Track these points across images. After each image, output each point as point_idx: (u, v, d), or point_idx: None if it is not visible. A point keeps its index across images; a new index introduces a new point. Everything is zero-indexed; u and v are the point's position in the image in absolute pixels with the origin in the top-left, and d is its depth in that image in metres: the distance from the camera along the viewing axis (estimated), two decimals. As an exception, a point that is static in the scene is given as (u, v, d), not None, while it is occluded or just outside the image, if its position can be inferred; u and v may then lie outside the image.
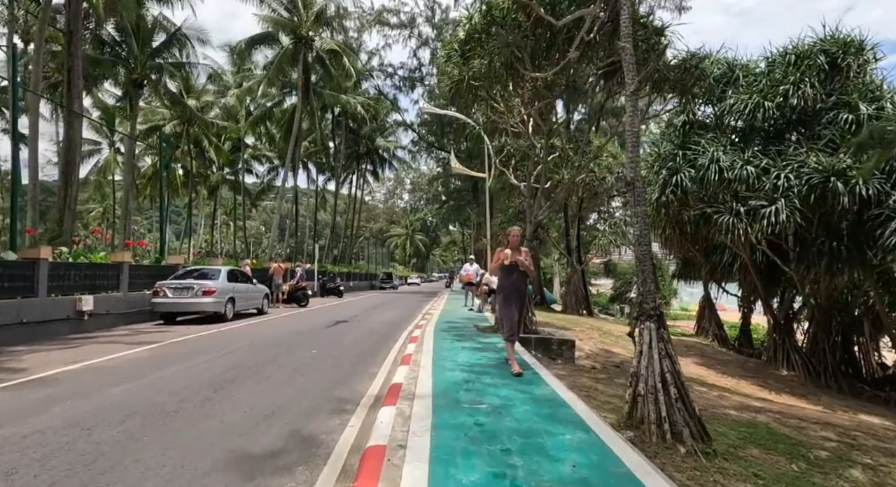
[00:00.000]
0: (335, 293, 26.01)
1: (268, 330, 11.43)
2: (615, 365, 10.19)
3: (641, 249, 5.18)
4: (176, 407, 4.88)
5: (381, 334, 10.86)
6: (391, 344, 9.28)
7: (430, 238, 77.03)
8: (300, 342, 9.46)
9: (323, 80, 31.02)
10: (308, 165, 44.60)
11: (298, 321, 13.61)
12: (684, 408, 4.66)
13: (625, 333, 15.57)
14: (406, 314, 16.24)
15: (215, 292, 12.56)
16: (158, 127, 31.34)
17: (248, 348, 8.58)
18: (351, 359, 7.73)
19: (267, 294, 15.90)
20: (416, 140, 36.92)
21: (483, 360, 7.22)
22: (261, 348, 8.61)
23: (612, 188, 22.79)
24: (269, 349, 8.52)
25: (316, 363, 7.30)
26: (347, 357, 7.96)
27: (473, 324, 11.89)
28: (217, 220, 54.31)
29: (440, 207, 42.79)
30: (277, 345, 8.96)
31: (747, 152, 11.52)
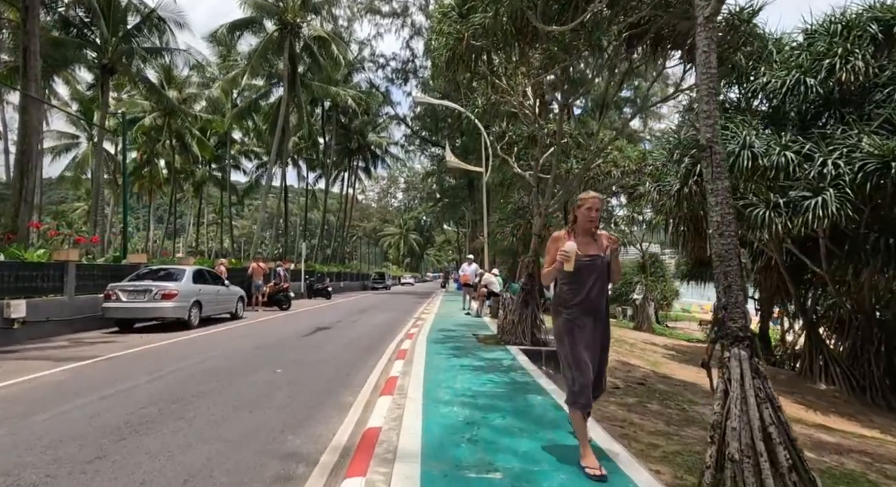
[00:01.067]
0: (323, 294, 24.34)
1: (234, 340, 9.76)
2: (638, 381, 8.62)
3: (724, 243, 3.58)
4: (32, 481, 3.24)
5: (364, 346, 9.22)
6: (374, 361, 7.64)
7: (424, 237, 75.39)
8: (265, 357, 7.81)
9: (311, 71, 29.33)
10: (298, 162, 42.89)
11: (274, 328, 11.95)
12: (800, 482, 3.08)
13: (652, 343, 13.99)
14: (396, 318, 14.61)
15: (177, 295, 10.88)
16: (137, 119, 29.50)
17: (196, 367, 6.92)
18: (320, 384, 6.09)
19: (242, 296, 14.22)
20: (410, 135, 35.28)
21: (489, 386, 5.61)
22: (212, 367, 6.95)
23: (617, 183, 21.26)
24: (221, 369, 6.87)
25: (274, 391, 5.66)
26: (317, 379, 6.32)
27: (472, 333, 10.28)
28: (205, 219, 52.44)
29: (434, 205, 41.18)
30: (235, 363, 7.31)
31: (785, 136, 9.99)
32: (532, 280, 9.08)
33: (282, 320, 13.88)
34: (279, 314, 15.63)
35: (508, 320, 9.21)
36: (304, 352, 8.29)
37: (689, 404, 7.25)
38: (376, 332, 11.23)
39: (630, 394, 7.36)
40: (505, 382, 5.84)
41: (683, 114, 12.48)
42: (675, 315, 34.58)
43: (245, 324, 12.54)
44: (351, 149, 39.62)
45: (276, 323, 13.15)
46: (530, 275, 9.04)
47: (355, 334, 10.88)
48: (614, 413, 5.77)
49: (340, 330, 11.50)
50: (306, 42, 26.81)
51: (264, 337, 10.07)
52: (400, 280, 57.97)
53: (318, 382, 6.15)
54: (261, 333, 10.86)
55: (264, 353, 8.14)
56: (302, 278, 25.05)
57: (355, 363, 7.41)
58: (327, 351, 8.43)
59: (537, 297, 9.21)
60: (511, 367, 6.75)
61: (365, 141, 39.06)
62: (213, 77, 34.00)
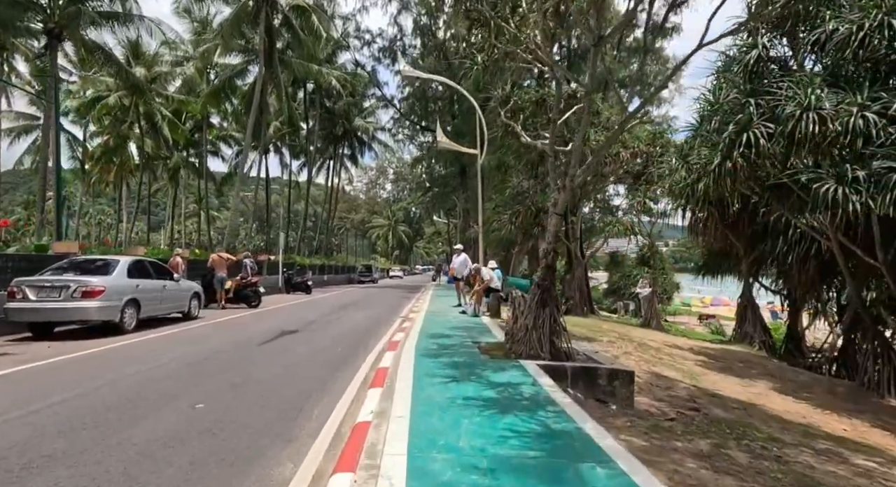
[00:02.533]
0: (302, 289, 22.09)
1: (168, 350, 7.52)
2: (688, 405, 6.58)
3: None
4: None
5: (334, 359, 7.05)
6: (341, 386, 5.49)
7: (413, 229, 73.06)
8: (194, 378, 5.62)
9: (291, 47, 26.80)
10: (282, 149, 40.21)
11: (230, 331, 9.72)
12: None
13: (675, 346, 11.98)
14: (380, 318, 12.45)
15: (103, 292, 8.60)
16: (101, 97, 26.75)
17: (73, 403, 4.71)
18: (252, 433, 3.93)
19: (198, 293, 11.94)
20: (398, 118, 32.85)
21: (513, 444, 3.47)
22: (99, 402, 4.74)
23: (626, 165, 19.23)
24: (113, 405, 4.66)
25: (170, 454, 3.49)
26: (249, 423, 4.16)
27: (472, 340, 8.15)
28: (182, 209, 49.64)
29: (423, 195, 38.89)
30: (144, 391, 5.11)
31: (859, 94, 7.96)
32: (551, 273, 6.96)
33: (245, 320, 11.63)
34: (245, 312, 13.37)
35: (520, 325, 7.09)
36: (252, 369, 6.09)
37: (775, 443, 5.23)
38: (353, 337, 9.06)
39: (693, 431, 5.29)
40: (536, 433, 3.71)
41: (720, 74, 10.39)
42: (674, 309, 32.84)
43: (197, 327, 10.29)
44: (336, 134, 37.11)
45: (236, 324, 10.91)
46: (549, 268, 6.93)
47: (327, 340, 8.69)
48: (699, 477, 3.68)
49: (310, 334, 9.31)
50: (284, 14, 24.27)
51: (212, 346, 7.85)
52: (388, 273, 55.72)
53: (250, 429, 3.97)
54: (211, 339, 8.64)
55: (197, 371, 5.93)
56: (280, 271, 22.74)
57: (313, 391, 5.23)
58: (282, 368, 6.24)
59: (556, 296, 7.11)
60: (536, 400, 4.64)
61: (351, 125, 36.54)
62: (187, 55, 31.26)
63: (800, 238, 12.45)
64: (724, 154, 9.19)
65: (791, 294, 14.20)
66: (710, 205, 13.45)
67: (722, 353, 11.71)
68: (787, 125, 8.33)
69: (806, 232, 12.33)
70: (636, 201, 17.43)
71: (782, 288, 14.94)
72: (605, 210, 30.78)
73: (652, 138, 18.59)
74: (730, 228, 14.23)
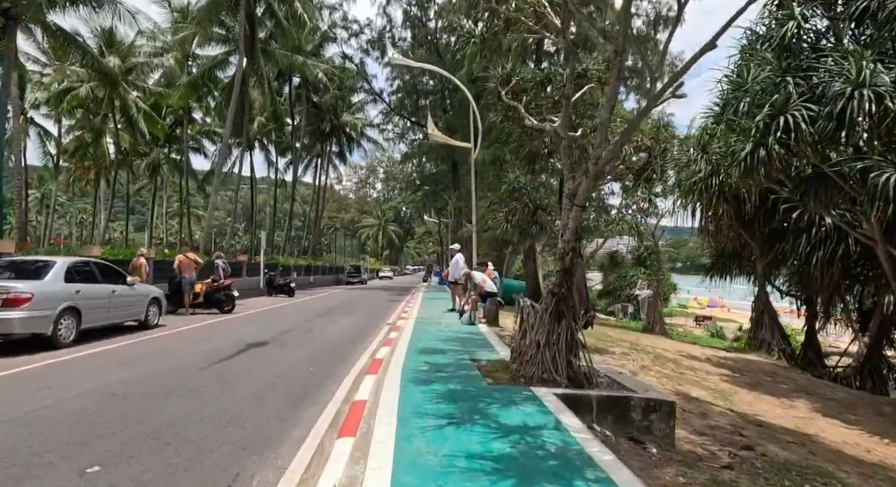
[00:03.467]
0: (285, 291, 20.60)
1: (95, 374, 6.08)
2: (739, 442, 5.32)
3: None
4: None
5: (298, 388, 5.67)
6: (300, 434, 4.11)
7: (404, 229, 71.57)
8: (101, 427, 4.22)
9: (274, 38, 25.30)
10: (268, 146, 38.53)
11: (186, 345, 8.28)
12: None
13: (691, 355, 10.74)
14: (365, 327, 11.07)
15: (30, 300, 7.15)
16: (71, 88, 25.00)
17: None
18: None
19: (158, 298, 10.46)
20: (388, 111, 31.36)
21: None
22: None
23: (626, 161, 18.01)
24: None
25: None
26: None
27: (469, 356, 6.81)
28: (164, 208, 47.79)
29: (414, 193, 37.46)
30: (23, 443, 3.70)
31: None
32: (568, 279, 5.65)
33: (211, 329, 10.19)
34: (214, 319, 11.91)
35: (529, 341, 5.77)
36: (191, 405, 4.70)
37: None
38: (330, 352, 7.68)
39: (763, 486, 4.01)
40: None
41: (745, 51, 9.15)
42: (670, 310, 31.79)
43: (152, 338, 8.83)
44: (323, 130, 35.55)
45: (199, 334, 9.47)
46: (566, 272, 5.61)
47: (299, 356, 7.30)
48: None
49: (281, 348, 7.90)
50: (267, 1, 22.75)
51: (156, 366, 6.43)
52: (378, 273, 54.22)
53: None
54: (160, 356, 7.20)
55: (116, 409, 4.53)
56: (261, 272, 21.24)
57: (261, 446, 3.84)
58: (231, 402, 4.84)
59: (576, 305, 5.80)
60: (566, 458, 3.31)
61: (339, 121, 35.01)
62: (165, 47, 29.57)
63: (824, 237, 11.33)
64: (757, 140, 7.96)
65: (811, 298, 13.07)
66: (726, 201, 12.33)
67: (743, 364, 10.50)
68: (836, 105, 7.12)
69: (831, 230, 11.24)
70: (639, 199, 16.21)
71: (799, 292, 13.81)
72: (600, 209, 29.61)
73: (656, 131, 17.40)
74: (744, 227, 13.09)
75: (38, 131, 29.88)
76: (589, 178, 5.30)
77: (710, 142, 9.93)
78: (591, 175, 5.28)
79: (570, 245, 5.52)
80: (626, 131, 5.78)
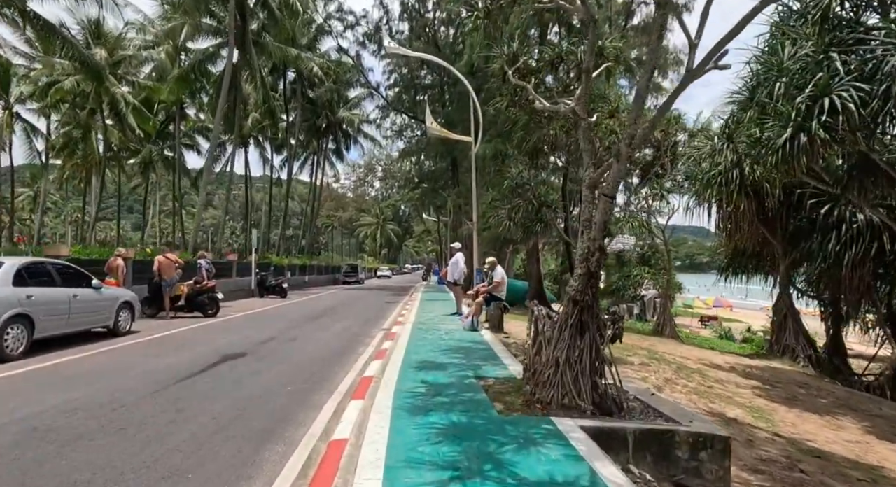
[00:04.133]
0: (277, 292, 19.62)
1: (29, 399, 5.09)
2: (802, 480, 4.36)
3: None
4: None
5: (263, 424, 4.69)
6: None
7: (402, 227, 70.55)
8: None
9: (267, 30, 24.25)
10: (263, 144, 37.44)
11: (152, 357, 7.30)
12: None
13: (713, 364, 9.75)
14: (356, 333, 10.10)
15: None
16: (56, 81, 23.93)
17: None
18: None
19: (129, 303, 9.47)
20: (384, 106, 30.29)
21: None
22: None
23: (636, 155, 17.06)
24: None
25: None
26: None
27: (473, 372, 5.83)
28: (158, 206, 46.77)
29: (413, 190, 36.43)
30: None
31: None
32: (594, 284, 4.68)
33: (187, 336, 9.20)
34: (194, 324, 10.92)
35: (546, 359, 4.80)
36: (122, 448, 3.71)
37: None
38: (314, 367, 6.70)
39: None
40: None
41: (778, 27, 8.17)
42: (675, 310, 30.86)
43: (114, 349, 7.84)
44: (319, 127, 34.49)
45: (172, 343, 8.49)
46: (590, 276, 4.65)
47: (277, 371, 6.32)
48: None
49: (258, 362, 6.92)
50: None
51: (109, 386, 5.45)
52: (376, 272, 53.24)
53: None
54: (113, 372, 6.21)
55: (19, 453, 3.54)
56: (252, 272, 20.23)
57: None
58: (175, 443, 3.85)
59: (600, 315, 4.84)
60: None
61: (335, 117, 33.96)
62: (156, 40, 28.52)
63: (856, 234, 10.38)
64: (798, 125, 6.99)
65: (836, 300, 12.13)
66: (746, 196, 11.36)
67: (770, 374, 9.54)
68: (894, 82, 6.16)
69: (863, 227, 10.30)
70: (648, 196, 15.25)
71: (822, 293, 12.85)
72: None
73: (666, 124, 16.44)
74: (765, 223, 12.13)
75: (24, 127, 28.72)
76: (621, 161, 4.32)
77: (736, 130, 8.95)
78: (622, 156, 4.31)
79: (595, 243, 4.54)
80: (661, 107, 4.80)
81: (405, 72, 27.72)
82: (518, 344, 8.51)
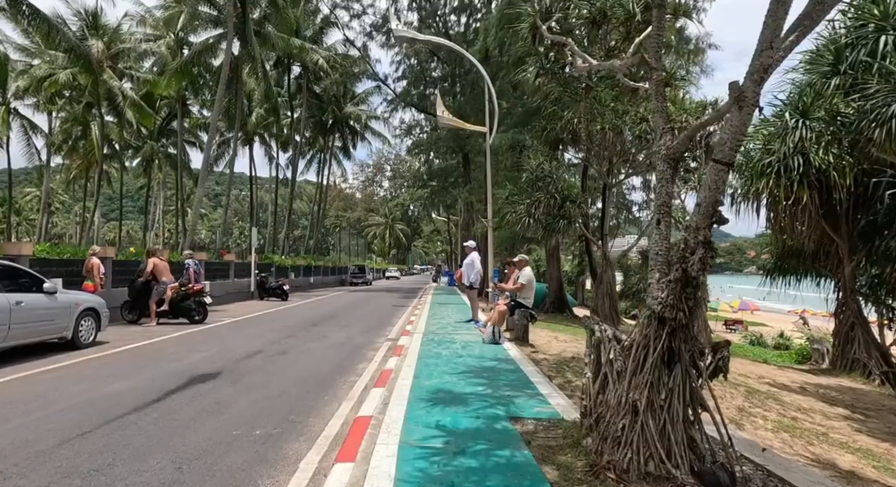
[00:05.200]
0: (278, 294, 18.29)
1: None
2: None
3: None
4: None
5: (221, 478, 3.22)
6: None
7: (411, 228, 69.17)
8: None
9: (269, 19, 22.95)
10: (269, 142, 36.22)
11: (99, 382, 5.90)
12: None
13: (781, 385, 8.21)
14: (357, 343, 8.64)
15: None
16: (51, 74, 22.83)
17: None
18: None
19: (93, 309, 8.10)
20: (392, 99, 28.84)
21: None
22: None
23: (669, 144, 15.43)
24: None
25: None
26: None
27: (504, 407, 4.34)
28: (162, 206, 45.82)
29: (422, 187, 34.95)
30: None
31: None
32: (692, 293, 3.18)
33: (156, 350, 7.80)
34: (177, 332, 9.55)
35: (618, 401, 3.31)
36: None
37: None
38: (295, 400, 5.24)
39: None
40: None
41: None
42: (698, 314, 29.07)
43: (61, 368, 6.46)
44: (325, 123, 33.19)
45: (131, 361, 7.09)
46: (685, 283, 3.14)
47: (241, 408, 4.84)
48: None
49: (229, 389, 5.48)
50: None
51: (14, 427, 4.04)
52: (384, 273, 51.90)
53: None
54: (40, 404, 4.81)
55: None
56: (252, 274, 18.91)
57: None
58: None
59: (695, 338, 3.34)
60: None
61: (342, 113, 32.63)
62: (158, 34, 27.42)
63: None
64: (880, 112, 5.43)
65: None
66: (809, 186, 9.75)
67: (850, 396, 7.93)
68: None
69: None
70: (688, 187, 13.64)
71: (883, 299, 11.16)
72: (621, 206, 27.03)
73: (702, 110, 14.85)
74: (828, 219, 10.49)
75: (22, 123, 27.75)
76: (746, 106, 2.81)
77: (813, 104, 7.37)
78: (749, 100, 2.79)
79: (699, 235, 3.04)
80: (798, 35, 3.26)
81: (414, 63, 26.30)
82: (550, 362, 7.02)
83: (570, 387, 5.59)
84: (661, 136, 3.99)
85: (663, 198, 3.88)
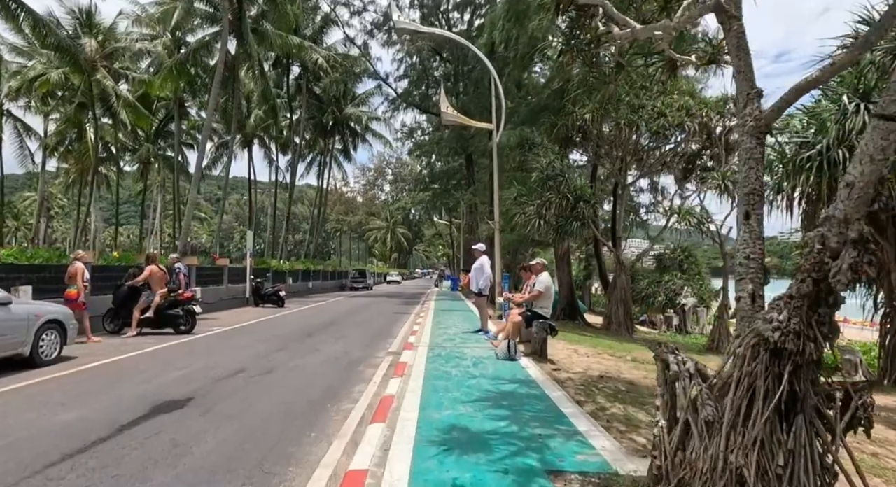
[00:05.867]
0: (274, 300, 17.35)
1: None
2: None
3: None
4: None
5: None
6: None
7: (413, 231, 68.26)
8: None
9: (266, 16, 22.12)
10: (269, 144, 35.35)
11: (44, 413, 4.96)
12: None
13: None
14: (353, 358, 7.66)
15: None
16: (41, 74, 21.99)
17: None
18: None
19: (57, 321, 7.15)
20: (394, 98, 27.94)
21: None
22: None
23: (685, 142, 14.56)
24: None
25: None
26: None
27: (537, 455, 3.34)
28: (160, 210, 44.91)
29: (423, 190, 34.05)
30: None
31: None
32: (821, 315, 2.20)
33: (125, 368, 6.84)
34: (157, 345, 8.58)
35: (709, 465, 2.32)
36: None
37: None
38: (274, 438, 4.27)
39: None
40: None
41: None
42: (709, 318, 27.99)
43: (9, 391, 5.51)
44: (326, 124, 32.33)
45: (93, 382, 6.12)
46: (814, 299, 2.17)
47: (207, 449, 3.87)
48: None
49: (196, 422, 4.51)
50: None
51: None
52: (385, 278, 50.92)
53: None
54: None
55: None
56: (247, 279, 17.96)
57: None
58: None
59: (817, 374, 2.36)
60: None
61: (342, 114, 31.77)
62: (154, 34, 26.61)
63: None
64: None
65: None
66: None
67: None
68: None
69: None
70: (711, 186, 12.69)
71: None
72: (629, 208, 26.13)
73: (721, 105, 13.93)
74: (871, 220, 9.51)
75: (14, 125, 26.91)
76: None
77: (878, 84, 6.41)
78: None
79: (851, 230, 2.07)
80: None
81: (416, 61, 25.46)
82: (576, 382, 6.04)
83: (605, 416, 4.62)
84: (745, 104, 3.03)
85: (752, 185, 2.93)
